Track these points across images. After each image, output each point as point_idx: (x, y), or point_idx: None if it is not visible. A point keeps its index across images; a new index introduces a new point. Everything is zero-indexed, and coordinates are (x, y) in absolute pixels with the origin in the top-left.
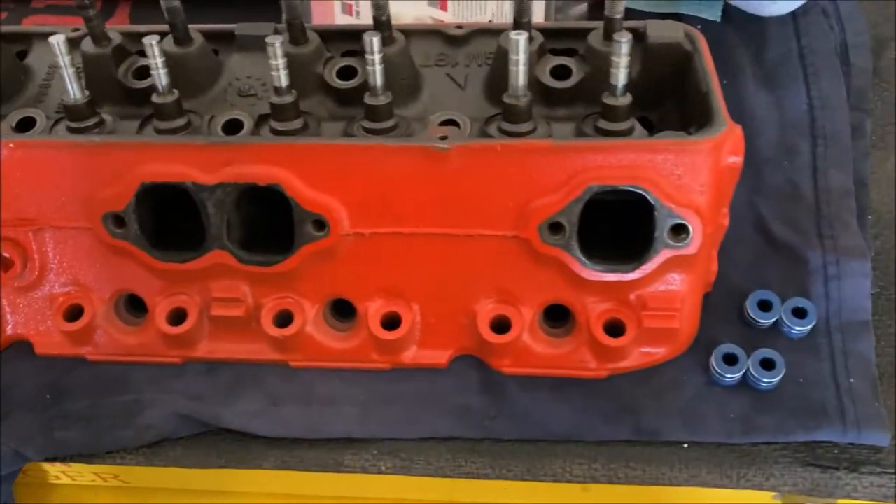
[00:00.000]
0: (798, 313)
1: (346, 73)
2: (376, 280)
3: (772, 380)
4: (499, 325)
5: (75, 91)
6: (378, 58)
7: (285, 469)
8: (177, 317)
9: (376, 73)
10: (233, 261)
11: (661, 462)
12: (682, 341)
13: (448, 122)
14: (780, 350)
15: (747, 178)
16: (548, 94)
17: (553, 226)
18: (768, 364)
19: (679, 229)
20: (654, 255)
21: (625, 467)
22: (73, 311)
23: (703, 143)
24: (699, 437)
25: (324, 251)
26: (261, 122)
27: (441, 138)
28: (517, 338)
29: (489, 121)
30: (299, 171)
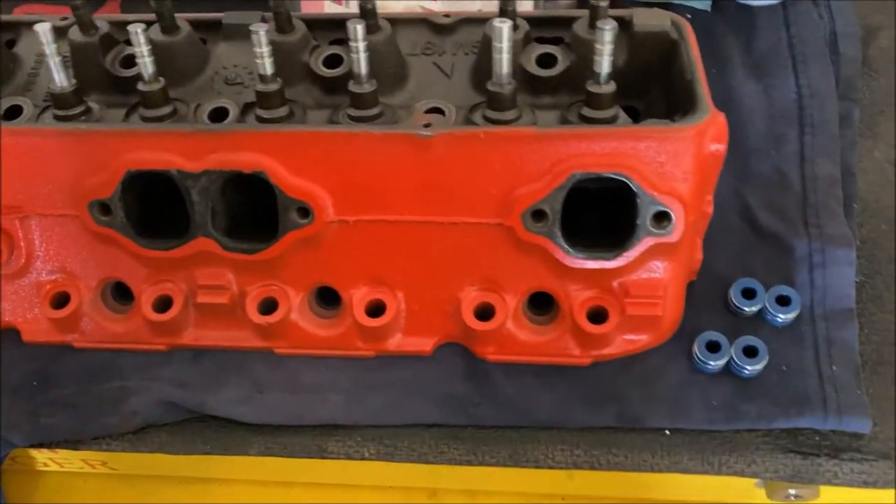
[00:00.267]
0: (782, 301)
1: (333, 61)
2: (361, 267)
3: (755, 367)
4: (483, 312)
5: (61, 79)
6: (362, 45)
7: (269, 455)
8: (163, 304)
9: (360, 61)
10: (217, 248)
11: (643, 449)
12: (666, 329)
13: (433, 110)
14: (764, 338)
15: (734, 167)
16: (533, 83)
17: (536, 213)
18: (751, 351)
19: (661, 217)
20: (637, 242)
21: (607, 454)
22: (60, 299)
23: (685, 131)
24: (682, 424)
25: (308, 238)
26: (246, 110)
27: (425, 126)
28: (501, 325)
29: (474, 109)
30: (283, 158)
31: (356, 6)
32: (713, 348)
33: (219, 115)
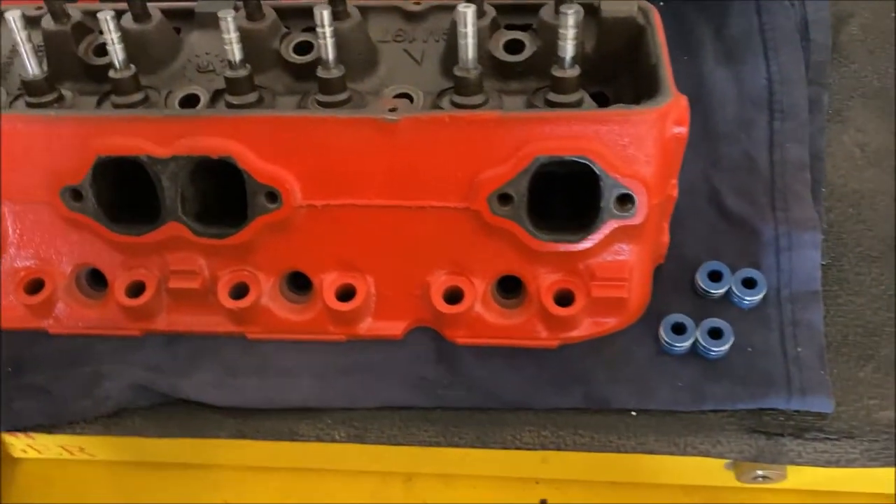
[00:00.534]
0: (748, 284)
1: (303, 48)
2: (331, 252)
3: (720, 349)
4: (451, 296)
5: (33, 67)
6: (329, 31)
7: (241, 438)
8: (136, 289)
9: (328, 47)
10: (188, 233)
11: (609, 430)
12: (632, 311)
13: (402, 95)
14: (731, 320)
15: (705, 152)
16: (501, 69)
17: (502, 197)
18: (716, 333)
19: (625, 199)
20: (601, 224)
21: (574, 434)
22: (35, 285)
23: (647, 114)
24: (648, 405)
25: (277, 223)
26: (217, 97)
27: (390, 110)
28: (469, 308)
29: (442, 94)
30: (251, 143)
31: None
32: (679, 330)
33: (190, 102)
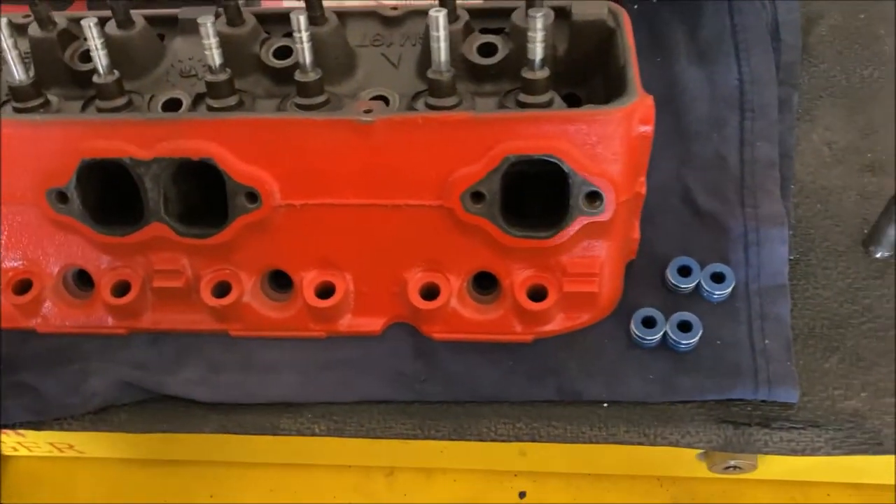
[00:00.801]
0: (716, 278)
1: (282, 52)
2: (310, 251)
3: (689, 341)
4: (428, 292)
5: (19, 73)
6: (305, 35)
7: (224, 432)
8: (121, 289)
9: (305, 51)
10: (171, 234)
11: (581, 421)
12: (604, 306)
13: (378, 97)
14: (701, 314)
15: (677, 151)
16: (475, 71)
17: (474, 195)
18: (685, 326)
19: (593, 196)
20: (571, 221)
21: (547, 426)
22: (23, 285)
23: (613, 114)
24: (620, 397)
25: (257, 223)
26: (198, 101)
27: (365, 112)
28: (445, 304)
29: (417, 96)
30: (231, 145)
31: None
32: (649, 324)
33: (172, 106)
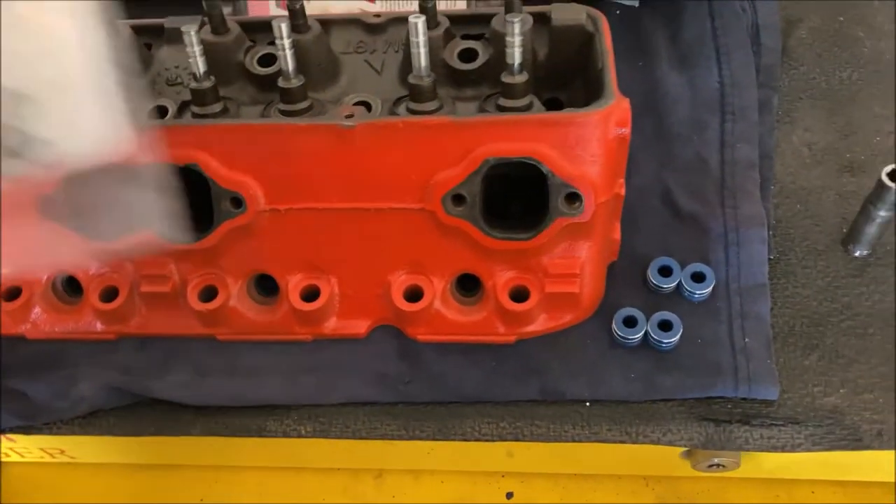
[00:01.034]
0: (697, 278)
1: (266, 60)
2: (295, 254)
3: (670, 340)
4: (412, 294)
5: None
6: (287, 43)
7: (211, 435)
8: (109, 294)
9: (287, 58)
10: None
11: (564, 420)
12: (586, 306)
13: (361, 103)
14: (682, 313)
15: (658, 153)
16: (456, 76)
17: (455, 198)
18: (666, 325)
19: (572, 198)
20: (551, 222)
21: (530, 426)
22: (12, 292)
23: (590, 116)
24: (602, 396)
25: (242, 228)
26: (184, 108)
27: (347, 117)
28: (429, 306)
29: (398, 101)
30: (215, 151)
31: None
32: (630, 323)
33: (159, 114)
